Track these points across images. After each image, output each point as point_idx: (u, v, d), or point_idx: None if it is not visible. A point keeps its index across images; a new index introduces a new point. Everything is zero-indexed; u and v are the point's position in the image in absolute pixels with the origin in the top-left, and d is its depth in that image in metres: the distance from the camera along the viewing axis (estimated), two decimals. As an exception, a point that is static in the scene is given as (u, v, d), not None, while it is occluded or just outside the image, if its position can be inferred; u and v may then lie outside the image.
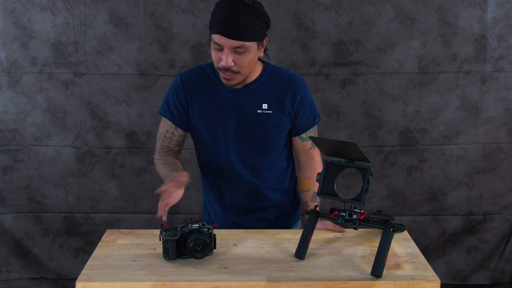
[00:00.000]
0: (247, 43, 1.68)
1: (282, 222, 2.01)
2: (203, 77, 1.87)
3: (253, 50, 1.71)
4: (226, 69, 1.71)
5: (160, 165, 1.92)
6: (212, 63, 1.88)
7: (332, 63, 2.92)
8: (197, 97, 1.85)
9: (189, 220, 1.58)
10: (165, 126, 1.93)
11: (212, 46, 1.71)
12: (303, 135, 1.91)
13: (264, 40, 1.76)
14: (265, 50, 1.80)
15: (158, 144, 1.97)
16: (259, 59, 1.82)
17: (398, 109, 2.97)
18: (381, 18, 2.88)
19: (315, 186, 1.70)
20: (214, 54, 1.72)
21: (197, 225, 1.57)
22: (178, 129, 1.91)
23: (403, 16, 2.87)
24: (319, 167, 1.89)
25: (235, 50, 1.68)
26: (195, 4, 2.84)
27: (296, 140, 1.93)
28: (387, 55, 2.91)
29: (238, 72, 1.73)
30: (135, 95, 2.93)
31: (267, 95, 1.83)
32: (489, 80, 2.95)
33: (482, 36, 2.90)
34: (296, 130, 1.90)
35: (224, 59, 1.68)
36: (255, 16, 1.68)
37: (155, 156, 1.98)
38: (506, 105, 2.98)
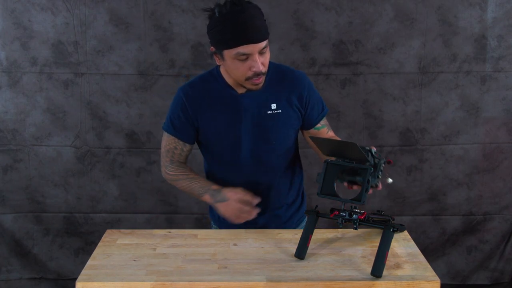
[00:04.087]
0: (267, 41, 1.70)
1: (293, 219, 2.02)
2: (206, 87, 1.86)
3: (268, 46, 1.73)
4: (258, 74, 1.70)
5: (185, 181, 1.91)
6: (212, 70, 1.88)
7: (332, 63, 2.92)
8: (204, 108, 1.84)
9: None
10: (173, 143, 1.91)
11: (234, 60, 1.68)
12: (318, 125, 1.93)
13: None
14: None
15: (167, 160, 1.94)
16: None
17: (398, 109, 2.97)
18: (381, 18, 2.88)
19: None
20: (239, 66, 1.70)
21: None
22: (187, 144, 1.91)
23: (403, 16, 2.87)
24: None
25: (261, 52, 1.69)
26: (195, 4, 2.84)
27: (312, 132, 1.93)
28: (387, 55, 2.91)
29: (265, 73, 1.75)
30: (135, 95, 2.93)
31: (274, 94, 1.84)
32: (489, 80, 2.95)
33: (482, 36, 2.90)
34: (309, 123, 1.92)
35: (256, 65, 1.68)
36: (260, 13, 1.70)
37: (168, 172, 1.95)
38: (506, 105, 2.98)
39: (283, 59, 2.87)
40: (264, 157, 1.88)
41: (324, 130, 1.95)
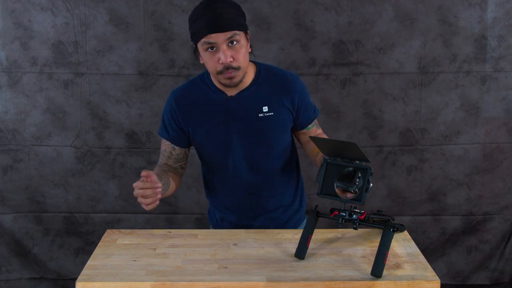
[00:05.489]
0: (237, 32, 1.69)
1: (291, 221, 2.02)
2: (196, 91, 1.86)
3: (243, 41, 1.72)
4: (227, 68, 1.70)
5: None
6: (202, 74, 1.88)
7: (332, 63, 2.92)
8: (194, 113, 1.85)
9: None
10: (164, 145, 1.94)
11: (205, 52, 1.71)
12: (309, 125, 1.94)
13: (248, 32, 1.77)
14: (250, 46, 1.80)
15: (159, 160, 1.98)
16: (250, 60, 1.82)
17: (398, 109, 2.97)
18: (381, 18, 2.88)
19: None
20: (209, 59, 1.71)
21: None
22: (176, 147, 1.92)
23: (403, 16, 2.87)
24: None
25: (229, 45, 1.69)
26: (195, 4, 2.81)
27: (303, 132, 1.94)
28: (387, 55, 2.91)
29: (238, 68, 1.73)
30: (135, 95, 2.93)
31: (265, 97, 1.83)
32: (489, 80, 2.95)
33: (482, 36, 2.90)
34: (300, 125, 1.92)
35: (222, 56, 1.68)
36: (232, 7, 1.71)
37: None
38: (506, 105, 2.98)
39: (283, 59, 2.87)
40: (257, 160, 1.88)
41: (313, 129, 1.96)
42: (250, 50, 1.78)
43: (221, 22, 1.66)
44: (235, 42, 1.69)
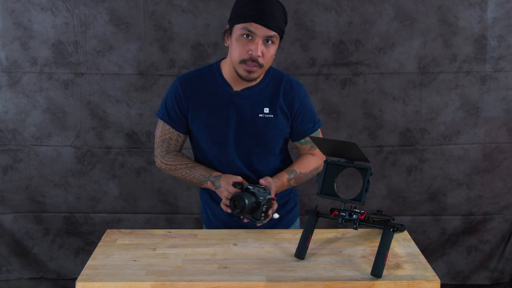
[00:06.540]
0: (277, 35, 1.73)
1: (284, 221, 2.02)
2: (203, 80, 1.86)
3: (276, 45, 1.77)
4: (254, 60, 1.72)
5: (185, 170, 1.91)
6: (211, 65, 1.89)
7: (332, 63, 2.92)
8: (197, 101, 1.85)
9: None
10: (168, 133, 1.92)
11: (239, 37, 1.72)
12: (302, 140, 1.95)
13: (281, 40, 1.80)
14: None
15: (163, 150, 1.95)
16: None
17: (398, 109, 2.97)
18: (381, 18, 2.88)
19: (298, 167, 1.92)
20: (241, 45, 1.73)
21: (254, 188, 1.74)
22: (181, 134, 1.92)
23: (403, 16, 2.87)
24: (312, 161, 1.95)
25: (265, 42, 1.72)
26: (195, 4, 2.84)
27: (296, 144, 1.97)
28: (387, 55, 2.91)
29: (261, 66, 1.75)
30: (135, 95, 2.93)
31: (269, 99, 1.84)
32: (489, 80, 2.95)
33: (482, 36, 2.90)
34: (296, 135, 1.93)
35: (254, 48, 1.71)
36: (282, 12, 1.75)
37: (164, 161, 1.95)
38: (506, 105, 2.98)
39: (283, 59, 2.87)
40: (250, 158, 1.89)
41: (306, 147, 1.96)
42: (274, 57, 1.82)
43: (270, 19, 1.70)
44: (270, 42, 1.73)
